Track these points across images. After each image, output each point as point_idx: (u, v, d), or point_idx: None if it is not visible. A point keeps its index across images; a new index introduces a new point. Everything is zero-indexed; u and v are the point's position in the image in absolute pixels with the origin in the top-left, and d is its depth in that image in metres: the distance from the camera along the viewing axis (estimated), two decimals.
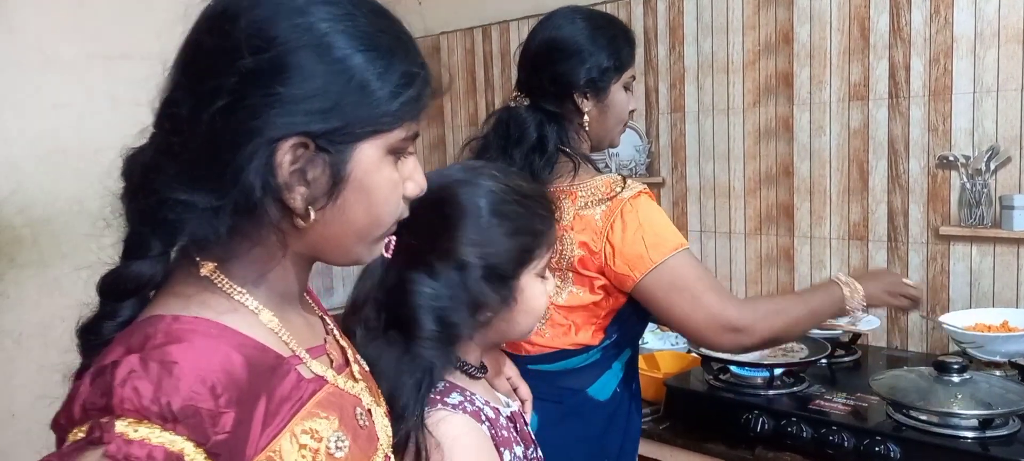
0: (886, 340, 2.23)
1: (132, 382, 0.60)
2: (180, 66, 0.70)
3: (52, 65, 2.26)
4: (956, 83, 2.05)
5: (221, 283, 0.71)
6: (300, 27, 0.67)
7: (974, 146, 2.04)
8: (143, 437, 0.59)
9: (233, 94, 0.65)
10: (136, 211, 0.70)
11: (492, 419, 0.99)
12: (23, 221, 2.24)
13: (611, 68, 1.43)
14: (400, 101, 0.70)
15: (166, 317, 0.67)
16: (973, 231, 2.03)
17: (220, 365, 0.64)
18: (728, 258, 2.52)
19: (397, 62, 0.70)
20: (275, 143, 0.66)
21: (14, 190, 2.22)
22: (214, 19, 0.68)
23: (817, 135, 2.30)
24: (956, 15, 2.04)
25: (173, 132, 0.68)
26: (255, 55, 0.65)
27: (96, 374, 0.62)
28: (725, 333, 1.34)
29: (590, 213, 1.37)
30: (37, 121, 2.24)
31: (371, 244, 0.76)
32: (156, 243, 0.68)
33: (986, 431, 1.52)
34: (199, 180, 0.66)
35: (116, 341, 0.66)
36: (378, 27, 0.71)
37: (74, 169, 2.30)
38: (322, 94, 0.66)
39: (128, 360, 0.61)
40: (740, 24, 2.41)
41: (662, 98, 2.62)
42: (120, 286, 0.70)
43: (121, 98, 2.37)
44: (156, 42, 0.73)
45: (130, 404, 0.59)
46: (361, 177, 0.70)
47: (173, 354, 0.62)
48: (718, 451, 1.76)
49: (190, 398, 0.61)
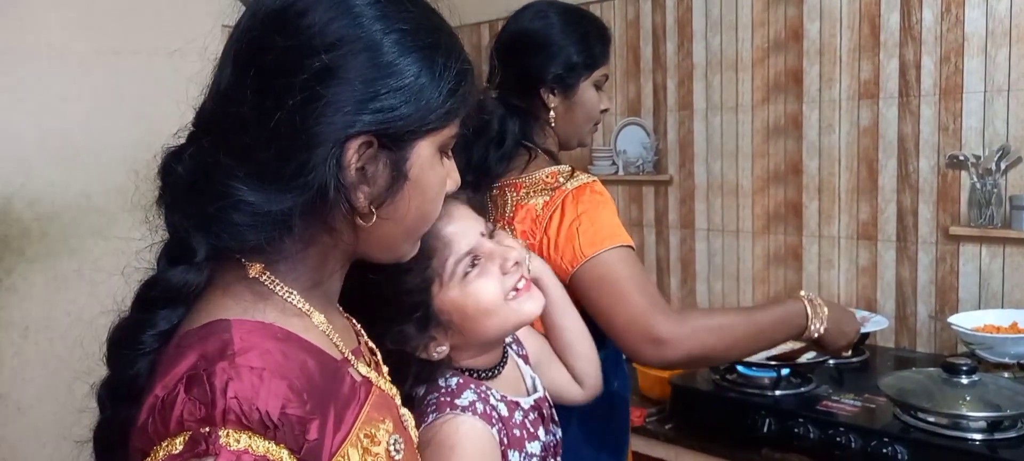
0: (894, 341, 2.22)
1: (232, 391, 0.59)
2: (240, 64, 0.68)
3: (61, 60, 2.27)
4: (967, 82, 2.04)
5: (273, 285, 0.70)
6: (361, 27, 0.67)
7: (985, 146, 2.02)
8: (245, 447, 0.59)
9: (305, 92, 0.65)
10: (183, 213, 0.68)
11: (506, 417, 0.98)
12: (32, 215, 2.25)
13: (581, 65, 1.39)
14: (454, 98, 0.71)
15: (234, 321, 0.65)
16: (983, 231, 2.01)
17: (300, 370, 0.64)
18: (735, 257, 2.51)
19: (452, 60, 0.71)
20: (345, 142, 0.66)
21: (23, 184, 2.23)
22: (279, 18, 0.68)
23: (826, 133, 2.29)
24: (967, 13, 2.02)
25: (238, 131, 0.67)
26: (327, 53, 0.65)
27: (189, 383, 0.60)
28: (645, 343, 1.22)
29: (532, 202, 1.33)
30: (46, 116, 2.25)
31: (416, 241, 0.77)
32: (202, 247, 0.67)
33: (995, 433, 1.50)
34: (268, 180, 0.65)
35: (185, 346, 0.64)
36: (433, 24, 0.72)
37: (82, 164, 2.31)
38: (386, 93, 0.67)
39: (222, 368, 0.60)
40: (749, 21, 2.40)
41: (670, 95, 2.61)
42: (163, 294, 0.68)
43: (129, 94, 2.37)
44: (164, 38, 0.73)
45: (233, 414, 0.59)
46: (418, 175, 0.71)
47: (258, 360, 0.62)
48: (724, 452, 1.75)
49: (285, 405, 0.61)
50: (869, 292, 2.25)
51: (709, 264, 2.58)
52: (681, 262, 2.65)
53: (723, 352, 1.32)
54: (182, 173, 0.69)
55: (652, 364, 1.30)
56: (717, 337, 1.27)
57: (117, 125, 2.37)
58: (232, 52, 0.70)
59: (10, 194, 2.21)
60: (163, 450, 0.59)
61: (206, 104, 0.71)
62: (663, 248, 2.69)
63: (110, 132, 2.36)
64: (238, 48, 0.69)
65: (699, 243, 2.60)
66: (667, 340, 1.21)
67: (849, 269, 2.28)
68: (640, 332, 1.21)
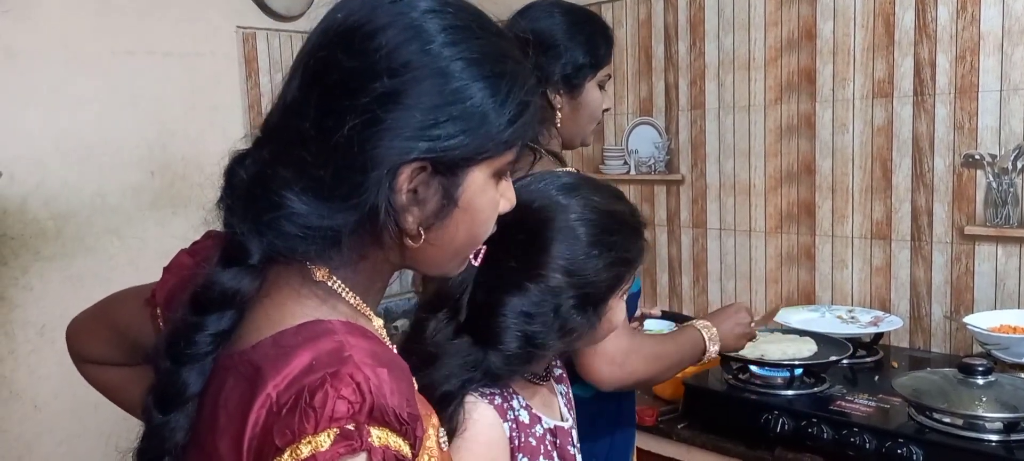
0: (908, 341, 2.20)
1: (373, 389, 0.61)
2: (307, 79, 0.69)
3: (76, 61, 2.29)
4: (983, 80, 2.02)
5: (340, 289, 0.71)
6: (430, 53, 0.67)
7: (1001, 144, 2.00)
8: (385, 443, 0.61)
9: (366, 115, 0.65)
10: (240, 217, 0.69)
11: (523, 424, 0.98)
12: (48, 214, 2.27)
13: (587, 65, 1.40)
14: (515, 128, 0.71)
15: (333, 322, 0.67)
16: (999, 231, 2.00)
17: (405, 371, 0.66)
18: (748, 257, 2.50)
19: (516, 89, 0.71)
20: (400, 166, 0.66)
21: (38, 184, 2.25)
22: (348, 36, 0.68)
23: (840, 132, 2.28)
24: (983, 11, 2.00)
25: (297, 145, 0.67)
26: (391, 78, 0.66)
27: (334, 381, 0.60)
28: (604, 364, 1.24)
29: None
30: (61, 116, 2.27)
31: (464, 260, 0.78)
32: (257, 250, 0.68)
33: (1011, 434, 1.49)
34: (322, 196, 0.66)
35: (291, 347, 0.64)
36: (500, 52, 0.72)
37: (97, 164, 2.33)
38: (447, 121, 0.67)
39: (354, 366, 0.61)
40: (762, 20, 2.39)
41: (682, 95, 2.60)
42: (218, 296, 0.68)
43: (143, 94, 2.39)
44: (178, 39, 0.73)
45: (378, 411, 0.60)
46: (470, 200, 0.71)
47: (374, 360, 0.63)
48: (737, 451, 1.74)
49: (410, 404, 0.63)
50: (883, 292, 2.24)
51: (721, 264, 2.57)
52: (693, 262, 2.64)
53: (657, 377, 1.38)
54: (243, 178, 0.70)
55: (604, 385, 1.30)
56: (659, 365, 1.33)
57: (132, 125, 2.38)
58: (301, 66, 0.70)
59: (26, 193, 2.23)
60: (306, 447, 0.59)
61: (273, 113, 0.72)
62: (675, 247, 2.68)
63: (125, 132, 2.37)
64: (306, 63, 0.69)
65: (711, 243, 2.59)
66: (621, 362, 1.25)
67: (862, 269, 2.27)
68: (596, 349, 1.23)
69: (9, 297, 2.22)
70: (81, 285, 2.29)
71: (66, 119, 2.28)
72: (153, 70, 2.40)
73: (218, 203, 0.71)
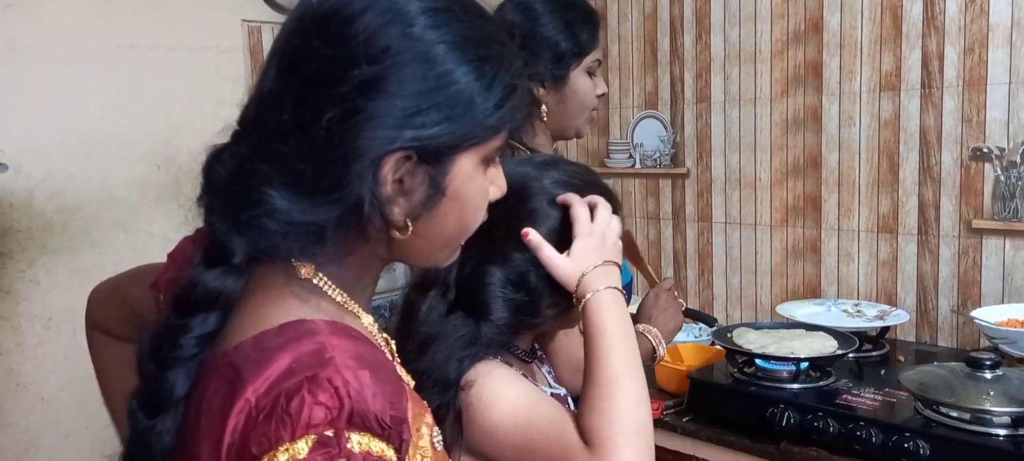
0: (915, 335, 2.19)
1: (352, 393, 0.58)
2: (284, 68, 0.66)
3: (80, 55, 2.29)
4: (991, 73, 2.01)
5: (326, 286, 0.68)
6: (412, 37, 0.64)
7: (1009, 138, 1.99)
8: (368, 448, 0.58)
9: (345, 105, 0.62)
10: (220, 215, 0.66)
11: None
12: (54, 208, 2.28)
13: (569, 53, 1.36)
14: (502, 112, 0.68)
15: (316, 322, 0.64)
16: (1007, 225, 1.98)
17: (390, 371, 0.64)
18: (753, 250, 2.49)
19: (502, 73, 0.68)
20: (383, 156, 0.64)
21: (44, 178, 2.25)
22: (323, 23, 0.65)
23: (846, 126, 2.27)
24: (992, 4, 1.99)
25: (276, 138, 0.65)
26: (370, 66, 0.63)
27: (309, 385, 0.58)
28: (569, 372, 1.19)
29: None
30: (65, 110, 2.27)
31: (454, 250, 0.76)
32: (241, 249, 0.65)
33: (1019, 429, 1.48)
34: (304, 191, 0.64)
35: (271, 349, 0.62)
36: (485, 34, 0.69)
37: (102, 158, 2.33)
38: (431, 107, 0.64)
39: (333, 369, 0.59)
40: (768, 13, 2.38)
41: (688, 88, 2.59)
42: (202, 297, 0.66)
43: (148, 88, 2.39)
44: (183, 33, 0.72)
45: (358, 416, 0.58)
46: (458, 188, 0.68)
47: (355, 362, 0.61)
48: (742, 445, 1.74)
49: (394, 407, 0.60)
50: (889, 286, 2.23)
51: (726, 257, 2.57)
52: (698, 255, 2.64)
53: None
54: (222, 174, 0.68)
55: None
56: None
57: (137, 119, 2.38)
58: (276, 55, 0.67)
59: (32, 187, 2.23)
60: (283, 454, 0.57)
61: (250, 106, 0.69)
62: (680, 241, 2.67)
63: (130, 126, 2.37)
64: (282, 52, 0.67)
65: (717, 236, 2.58)
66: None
67: (869, 262, 2.26)
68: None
69: (16, 290, 2.23)
70: (87, 278, 2.28)
71: (71, 113, 2.28)
72: (158, 64, 2.39)
73: (197, 201, 0.69)
